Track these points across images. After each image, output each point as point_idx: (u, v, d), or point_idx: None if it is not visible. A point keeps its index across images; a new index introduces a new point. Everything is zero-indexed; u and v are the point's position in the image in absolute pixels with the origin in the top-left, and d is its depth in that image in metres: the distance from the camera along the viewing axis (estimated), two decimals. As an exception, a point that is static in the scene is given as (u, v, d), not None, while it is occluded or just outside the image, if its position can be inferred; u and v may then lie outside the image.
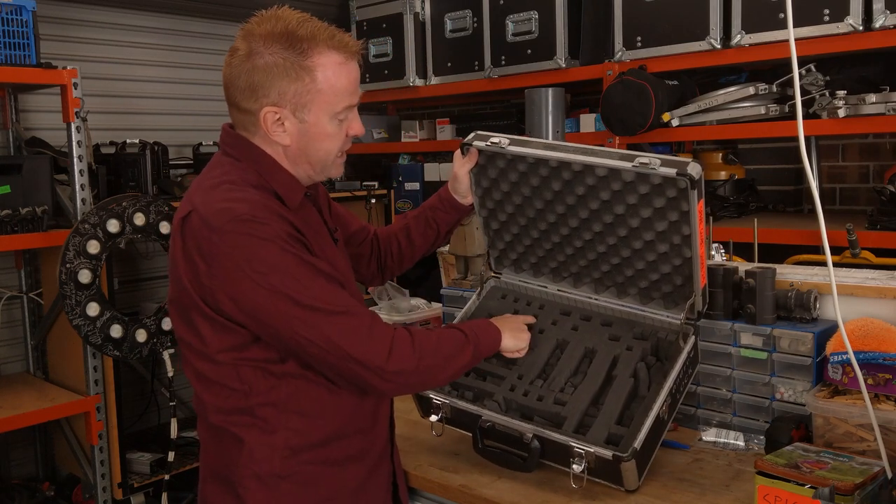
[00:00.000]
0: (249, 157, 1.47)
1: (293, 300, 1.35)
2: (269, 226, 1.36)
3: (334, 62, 1.44)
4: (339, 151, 1.52)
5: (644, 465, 1.52)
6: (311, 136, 1.46)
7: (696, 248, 1.61)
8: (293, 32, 1.41)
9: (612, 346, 1.73)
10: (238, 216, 1.35)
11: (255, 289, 1.34)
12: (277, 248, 1.35)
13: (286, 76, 1.40)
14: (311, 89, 1.42)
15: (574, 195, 1.71)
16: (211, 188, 1.42)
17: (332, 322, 1.37)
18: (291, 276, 1.35)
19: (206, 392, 1.49)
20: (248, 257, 1.34)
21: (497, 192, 1.83)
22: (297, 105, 1.43)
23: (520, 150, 1.72)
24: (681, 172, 1.52)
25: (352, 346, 1.37)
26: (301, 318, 1.35)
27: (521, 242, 1.90)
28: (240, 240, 1.34)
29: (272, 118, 1.43)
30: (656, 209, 1.62)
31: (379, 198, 3.77)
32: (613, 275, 1.80)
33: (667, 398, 1.58)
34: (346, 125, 1.50)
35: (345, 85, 1.45)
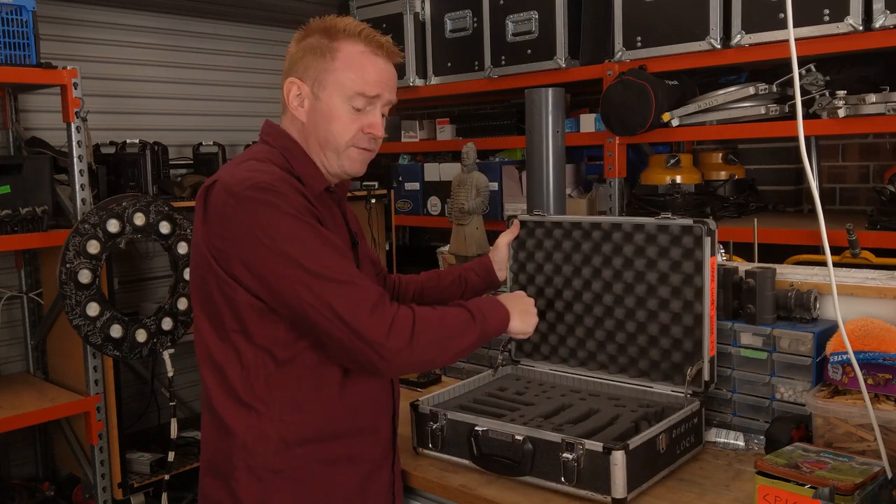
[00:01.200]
0: (279, 143, 1.56)
1: (300, 265, 1.38)
2: (286, 196, 1.41)
3: (358, 49, 1.52)
4: (349, 140, 1.54)
5: (635, 479, 1.50)
6: (322, 115, 1.52)
7: (707, 307, 1.72)
8: (334, 23, 1.54)
9: (617, 409, 1.77)
10: (257, 183, 1.41)
11: (266, 252, 1.39)
12: (290, 217, 1.40)
13: (313, 54, 1.52)
14: (329, 68, 1.51)
15: (601, 255, 1.90)
16: (237, 164, 1.50)
17: (335, 290, 1.38)
18: (300, 242, 1.39)
19: (209, 373, 1.51)
20: (262, 222, 1.39)
21: (531, 264, 2.02)
22: (316, 82, 1.51)
23: (558, 217, 2.01)
24: (697, 221, 1.73)
25: (352, 317, 1.38)
26: (306, 283, 1.38)
27: (545, 319, 2.01)
28: (256, 205, 1.39)
29: (294, 91, 1.53)
30: (673, 262, 1.78)
31: (379, 198, 3.76)
32: (627, 348, 1.87)
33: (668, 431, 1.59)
34: (362, 119, 1.53)
35: (361, 71, 1.51)
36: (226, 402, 1.49)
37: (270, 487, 1.48)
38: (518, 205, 3.40)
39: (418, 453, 1.76)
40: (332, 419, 1.51)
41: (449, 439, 1.71)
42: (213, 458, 1.54)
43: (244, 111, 3.99)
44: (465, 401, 1.86)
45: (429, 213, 3.81)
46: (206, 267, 1.47)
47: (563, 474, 1.52)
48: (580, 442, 1.50)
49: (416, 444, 1.77)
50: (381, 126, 1.56)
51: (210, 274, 1.46)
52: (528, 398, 1.86)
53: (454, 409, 1.77)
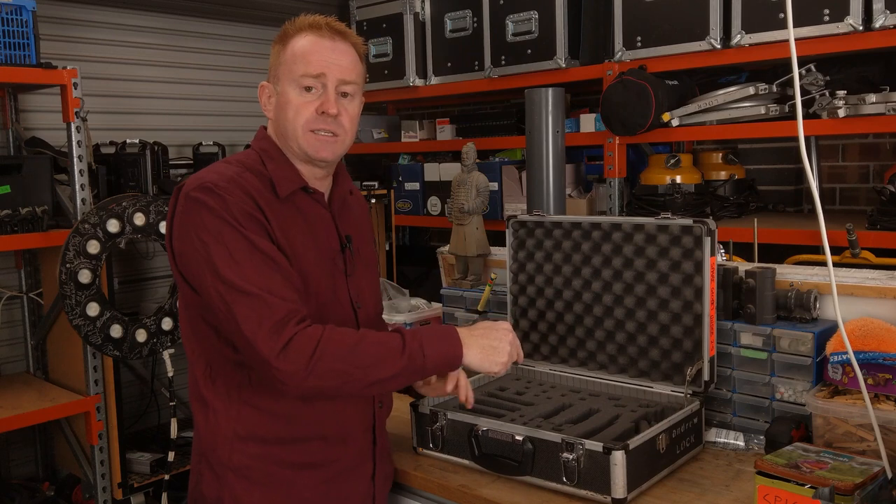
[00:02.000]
0: (258, 145, 1.59)
1: (216, 271, 1.38)
2: (224, 198, 1.42)
3: (303, 37, 1.53)
4: (304, 123, 1.52)
5: (635, 479, 1.50)
6: (280, 106, 1.54)
7: (707, 306, 1.72)
8: (293, 23, 1.56)
9: (617, 409, 1.77)
10: (202, 184, 1.43)
11: (195, 254, 1.41)
12: (220, 220, 1.40)
13: (275, 55, 1.56)
14: (280, 61, 1.54)
15: (601, 255, 1.89)
16: (211, 166, 1.53)
17: (241, 301, 1.37)
18: (223, 247, 1.39)
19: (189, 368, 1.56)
20: (196, 224, 1.41)
21: (531, 264, 2.01)
22: (274, 78, 1.55)
23: (558, 217, 2.01)
24: (697, 221, 1.72)
25: (250, 331, 1.35)
26: (218, 290, 1.38)
27: (545, 319, 2.01)
28: (196, 206, 1.42)
29: (265, 94, 1.58)
30: (673, 262, 1.78)
31: (379, 198, 3.77)
32: (627, 348, 1.87)
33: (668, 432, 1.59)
34: (315, 102, 1.52)
35: (304, 54, 1.51)
36: (194, 395, 1.55)
37: (226, 484, 1.49)
38: (518, 205, 3.40)
39: (418, 453, 1.76)
40: (293, 422, 1.50)
41: (449, 439, 1.71)
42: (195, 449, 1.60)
43: (244, 111, 3.99)
44: (466, 401, 1.85)
45: (429, 213, 3.81)
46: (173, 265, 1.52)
47: (563, 474, 1.52)
48: (580, 442, 1.50)
49: (416, 444, 1.77)
50: (334, 104, 1.52)
51: (176, 272, 1.51)
52: (528, 398, 1.86)
53: (454, 409, 1.77)
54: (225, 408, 1.50)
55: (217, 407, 1.50)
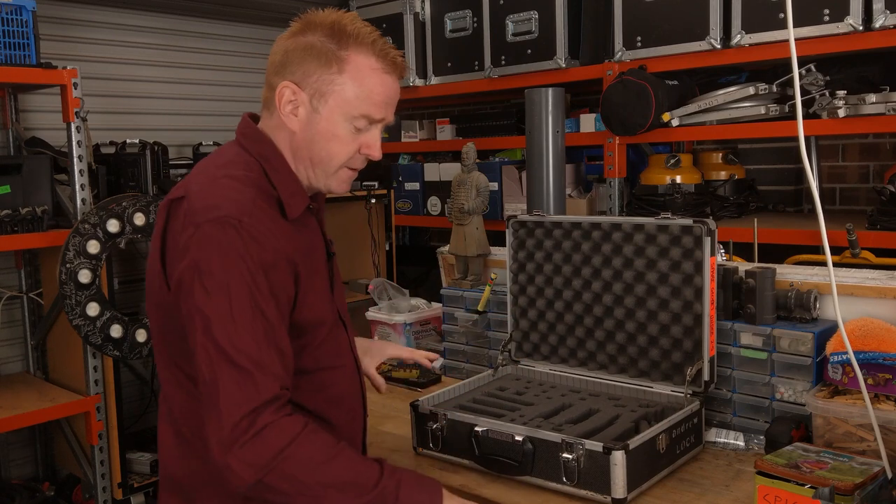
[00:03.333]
0: (260, 151, 1.40)
1: (209, 329, 1.23)
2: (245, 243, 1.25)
3: (368, 65, 1.37)
4: (344, 161, 1.40)
5: (635, 479, 1.50)
6: (319, 132, 1.37)
7: (707, 306, 1.72)
8: (342, 25, 1.37)
9: (617, 409, 1.77)
10: (223, 217, 1.26)
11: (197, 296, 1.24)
12: (232, 271, 1.24)
13: (316, 59, 1.35)
14: (334, 80, 1.35)
15: (601, 255, 1.89)
16: (212, 180, 1.34)
17: (228, 372, 1.22)
18: (227, 304, 1.23)
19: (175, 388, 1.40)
20: (206, 261, 1.24)
21: (531, 264, 2.01)
22: (317, 92, 1.36)
23: (558, 217, 1.99)
24: (697, 221, 1.73)
25: (226, 406, 1.21)
26: (207, 351, 1.23)
27: (545, 319, 2.00)
28: (211, 241, 1.25)
29: (287, 96, 1.36)
30: (673, 262, 1.77)
31: (379, 198, 3.77)
32: (627, 348, 1.87)
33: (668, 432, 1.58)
34: (361, 138, 1.40)
35: (370, 91, 1.37)
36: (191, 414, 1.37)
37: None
38: (518, 205, 3.40)
39: (418, 453, 1.76)
40: None
41: (449, 439, 1.71)
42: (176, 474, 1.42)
43: (243, 111, 3.98)
44: (465, 401, 1.86)
45: (429, 213, 3.81)
46: (157, 278, 1.34)
47: (563, 474, 1.52)
48: (580, 442, 1.50)
49: (416, 444, 1.77)
50: (380, 147, 1.43)
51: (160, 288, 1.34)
52: (528, 398, 1.86)
53: (454, 409, 1.77)
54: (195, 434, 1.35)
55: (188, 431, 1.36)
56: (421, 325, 2.46)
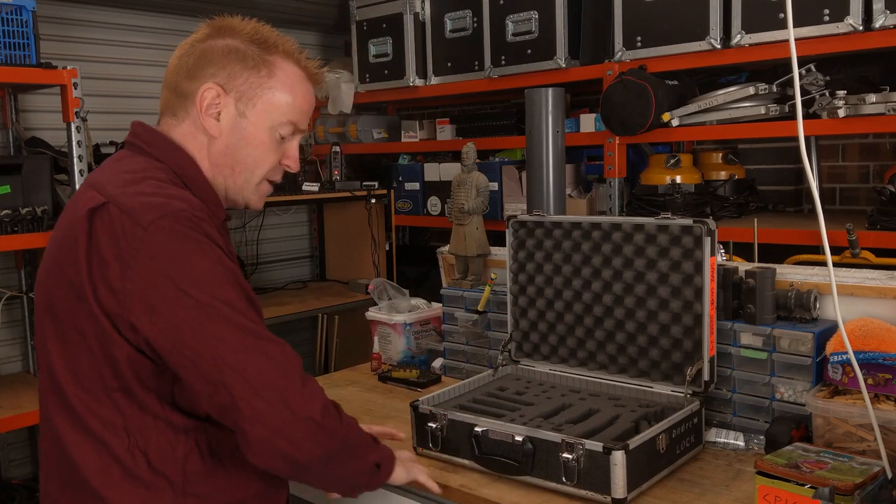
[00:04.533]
0: (170, 158, 1.29)
1: (225, 317, 1.14)
2: (208, 231, 1.18)
3: (295, 72, 1.34)
4: (266, 172, 1.36)
5: (635, 479, 1.50)
6: (244, 137, 1.31)
7: (707, 306, 1.72)
8: (263, 32, 1.34)
9: (617, 409, 1.77)
10: (175, 211, 1.16)
11: (181, 297, 1.13)
12: (215, 256, 1.17)
13: (242, 61, 1.29)
14: (263, 84, 1.30)
15: (601, 255, 1.88)
16: (132, 182, 1.21)
17: (264, 349, 1.16)
18: (225, 290, 1.16)
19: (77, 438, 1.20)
20: (179, 259, 1.14)
21: (531, 264, 2.01)
22: (244, 95, 1.30)
23: (558, 217, 1.99)
24: (697, 221, 1.72)
25: (284, 387, 1.16)
26: (230, 340, 1.14)
27: (545, 319, 2.00)
28: (174, 238, 1.14)
29: (211, 97, 1.29)
30: (673, 262, 1.77)
31: (379, 198, 3.77)
32: (627, 348, 1.87)
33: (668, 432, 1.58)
34: (283, 148, 1.36)
35: (298, 98, 1.34)
36: (108, 479, 1.20)
37: None
38: (518, 205, 3.40)
39: (418, 453, 1.76)
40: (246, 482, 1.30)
41: (449, 439, 1.70)
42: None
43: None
44: (465, 401, 1.85)
45: (429, 213, 3.81)
46: (79, 309, 1.17)
47: (563, 474, 1.52)
48: (580, 442, 1.50)
49: (416, 444, 1.76)
50: (298, 160, 1.39)
51: (86, 318, 1.16)
52: (528, 398, 1.86)
53: (454, 409, 1.77)
54: (170, 484, 1.20)
55: (158, 484, 1.20)
56: (421, 325, 2.46)
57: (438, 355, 2.37)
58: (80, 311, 1.17)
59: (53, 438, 1.24)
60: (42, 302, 1.25)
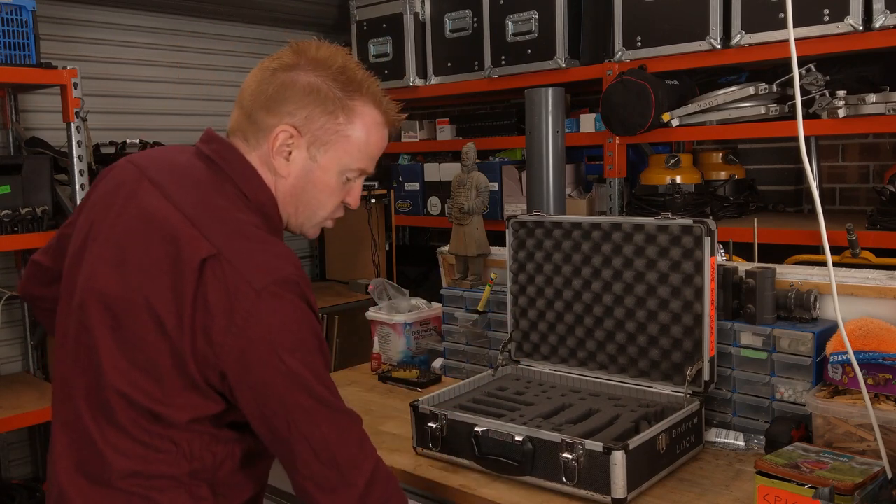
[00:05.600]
0: (257, 198, 1.29)
1: (308, 388, 1.18)
2: (307, 291, 1.21)
3: (374, 119, 1.34)
4: (329, 213, 1.38)
5: (635, 479, 1.50)
6: (313, 181, 1.31)
7: (707, 306, 1.72)
8: (349, 71, 1.31)
9: (617, 409, 1.77)
10: (285, 277, 1.18)
11: (276, 362, 1.16)
12: (311, 323, 1.20)
13: (322, 104, 1.28)
14: (339, 130, 1.30)
15: (601, 255, 1.89)
16: (239, 234, 1.21)
17: (334, 419, 1.21)
18: (315, 359, 1.19)
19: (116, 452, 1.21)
20: (282, 326, 1.16)
21: (531, 264, 2.01)
22: (317, 139, 1.29)
23: (558, 217, 1.99)
24: (697, 221, 1.72)
25: (342, 451, 1.21)
26: (307, 408, 1.18)
27: (545, 319, 2.00)
28: (281, 305, 1.16)
29: (283, 139, 1.28)
30: (673, 262, 1.77)
31: (379, 198, 3.77)
32: (627, 348, 1.87)
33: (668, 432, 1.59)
34: (346, 189, 1.37)
35: (371, 145, 1.35)
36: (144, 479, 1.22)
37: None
38: (518, 205, 3.40)
39: (418, 453, 1.76)
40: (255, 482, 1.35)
41: (449, 439, 1.70)
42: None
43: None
44: (465, 401, 1.86)
45: (429, 213, 3.81)
46: (159, 341, 1.17)
47: (563, 474, 1.52)
48: (580, 442, 1.50)
49: (416, 444, 1.76)
50: (359, 199, 1.41)
51: (165, 352, 1.17)
52: (528, 398, 1.86)
53: (454, 409, 1.77)
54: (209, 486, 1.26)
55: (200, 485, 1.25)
56: (421, 325, 2.46)
57: (438, 355, 2.37)
58: (159, 343, 1.18)
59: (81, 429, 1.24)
60: (95, 295, 1.23)
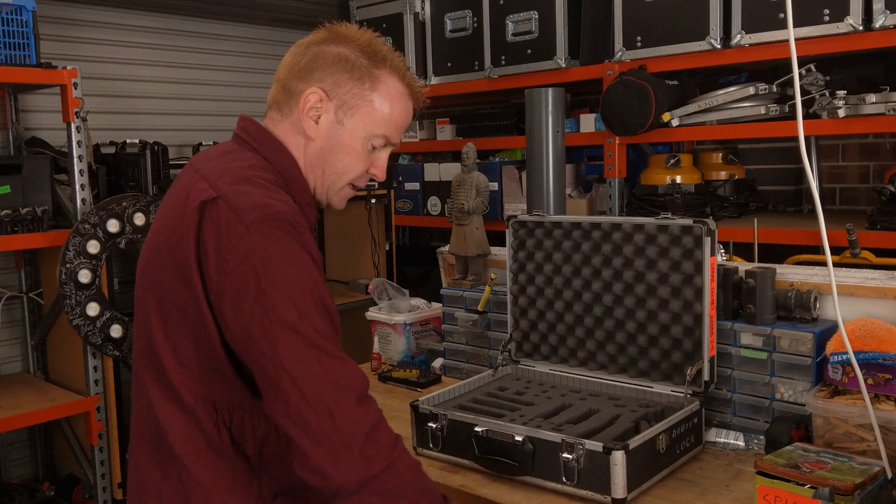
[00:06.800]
0: (278, 161, 1.36)
1: (292, 325, 1.17)
2: (304, 240, 1.23)
3: (397, 88, 1.40)
4: (354, 178, 1.42)
5: (635, 479, 1.50)
6: (339, 143, 1.37)
7: (707, 306, 1.72)
8: (376, 45, 1.39)
9: (617, 409, 1.77)
10: (276, 213, 1.21)
11: (260, 297, 1.17)
12: (303, 263, 1.21)
13: (349, 71, 1.36)
14: (365, 96, 1.37)
15: (601, 255, 1.89)
16: (242, 180, 1.27)
17: (322, 362, 1.17)
18: (303, 300, 1.19)
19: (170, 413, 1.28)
20: (270, 262, 1.18)
21: (531, 264, 2.01)
22: (345, 104, 1.36)
23: (558, 217, 2.00)
24: (697, 221, 1.73)
25: (335, 401, 1.16)
26: (292, 346, 1.17)
27: (545, 319, 2.00)
28: (270, 241, 1.19)
29: (313, 102, 1.35)
30: (673, 262, 1.77)
31: (379, 198, 3.76)
32: (627, 348, 1.87)
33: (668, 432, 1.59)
34: (371, 158, 1.42)
35: (395, 114, 1.40)
36: (194, 451, 1.27)
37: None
38: (518, 205, 3.40)
39: (418, 453, 1.76)
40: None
41: (449, 439, 1.71)
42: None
43: (244, 111, 3.97)
44: (465, 401, 1.86)
45: (429, 213, 3.81)
46: (185, 292, 1.24)
47: (563, 474, 1.52)
48: (580, 442, 1.50)
49: (416, 444, 1.77)
50: (385, 170, 1.44)
51: (190, 302, 1.23)
52: (528, 398, 1.86)
53: (454, 409, 1.77)
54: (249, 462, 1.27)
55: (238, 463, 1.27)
56: (421, 325, 2.46)
57: (438, 355, 2.37)
58: (185, 294, 1.23)
59: (147, 406, 1.31)
60: (147, 281, 1.31)
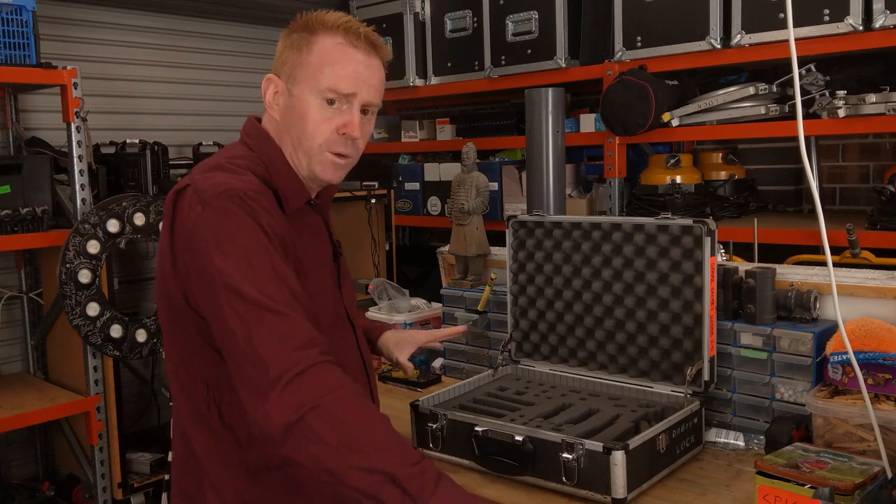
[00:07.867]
0: (261, 148, 1.43)
1: (233, 287, 1.21)
2: (256, 212, 1.27)
3: (334, 41, 1.39)
4: (323, 142, 1.39)
5: (635, 479, 1.50)
6: (295, 112, 1.39)
7: (707, 306, 1.72)
8: (318, 17, 1.42)
9: (617, 409, 1.77)
10: (230, 189, 1.27)
11: (208, 264, 1.23)
12: (250, 237, 1.25)
13: (290, 48, 1.41)
14: (303, 61, 1.39)
15: (601, 255, 1.89)
16: (215, 168, 1.35)
17: (264, 318, 1.19)
18: (248, 266, 1.22)
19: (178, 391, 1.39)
20: (222, 232, 1.24)
21: (531, 264, 2.02)
22: (290, 76, 1.40)
23: (558, 217, 2.00)
24: (697, 221, 1.73)
25: (264, 344, 1.17)
26: (237, 309, 1.20)
27: (545, 319, 2.00)
28: (223, 214, 1.25)
29: (271, 88, 1.42)
30: (673, 262, 1.78)
31: (379, 198, 3.76)
32: (627, 348, 1.87)
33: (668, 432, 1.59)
34: (338, 118, 1.39)
35: (335, 64, 1.38)
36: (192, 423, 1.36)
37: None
38: (518, 205, 3.40)
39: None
40: None
41: (449, 439, 1.71)
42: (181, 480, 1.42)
43: (244, 111, 3.95)
44: (465, 401, 1.86)
45: (429, 213, 3.81)
46: (169, 276, 1.32)
47: (563, 474, 1.52)
48: (580, 442, 1.50)
49: (416, 444, 1.77)
50: (358, 126, 1.40)
51: (174, 286, 1.32)
52: (528, 398, 1.86)
53: (454, 409, 1.77)
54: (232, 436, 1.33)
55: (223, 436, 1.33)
56: (421, 325, 2.46)
57: (438, 355, 2.37)
58: (169, 278, 1.32)
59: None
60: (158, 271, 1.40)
